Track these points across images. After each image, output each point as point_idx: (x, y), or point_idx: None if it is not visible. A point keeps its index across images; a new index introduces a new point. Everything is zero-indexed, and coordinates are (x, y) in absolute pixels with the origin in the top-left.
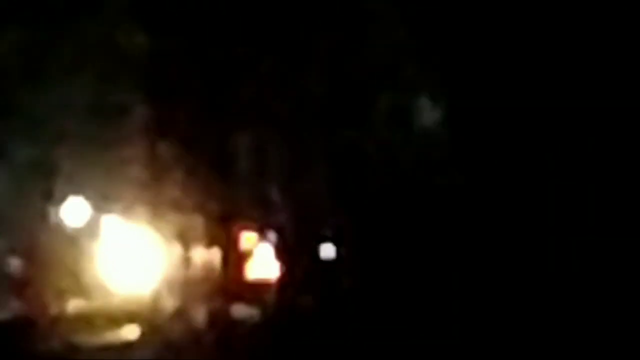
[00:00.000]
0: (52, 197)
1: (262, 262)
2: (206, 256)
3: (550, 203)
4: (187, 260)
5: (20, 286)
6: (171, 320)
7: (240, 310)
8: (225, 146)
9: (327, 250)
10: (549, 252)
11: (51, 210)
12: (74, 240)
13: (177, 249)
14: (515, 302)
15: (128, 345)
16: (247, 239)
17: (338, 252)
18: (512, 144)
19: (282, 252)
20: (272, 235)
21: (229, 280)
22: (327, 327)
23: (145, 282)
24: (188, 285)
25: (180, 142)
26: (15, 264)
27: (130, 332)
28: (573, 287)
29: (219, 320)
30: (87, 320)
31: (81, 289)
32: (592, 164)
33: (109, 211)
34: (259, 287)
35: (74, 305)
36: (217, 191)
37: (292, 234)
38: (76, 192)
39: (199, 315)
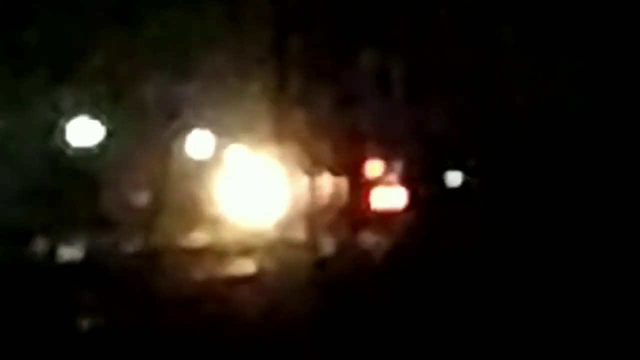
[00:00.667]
0: (178, 131)
1: (388, 191)
2: (332, 186)
3: None
4: (313, 191)
5: (147, 219)
6: (298, 251)
7: (367, 240)
8: (350, 77)
9: (454, 178)
10: None
11: (177, 143)
12: (199, 173)
13: (303, 180)
14: None
15: (253, 278)
16: (373, 167)
17: (464, 180)
18: None
19: (408, 181)
20: (398, 164)
21: (356, 209)
22: (452, 254)
23: (271, 214)
24: (314, 216)
25: (305, 73)
26: (142, 197)
27: (257, 264)
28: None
29: (347, 250)
30: (213, 253)
31: (207, 222)
32: None
33: (234, 143)
34: (386, 216)
35: (200, 237)
36: (342, 121)
37: (418, 162)
38: (202, 125)
39: (326, 245)
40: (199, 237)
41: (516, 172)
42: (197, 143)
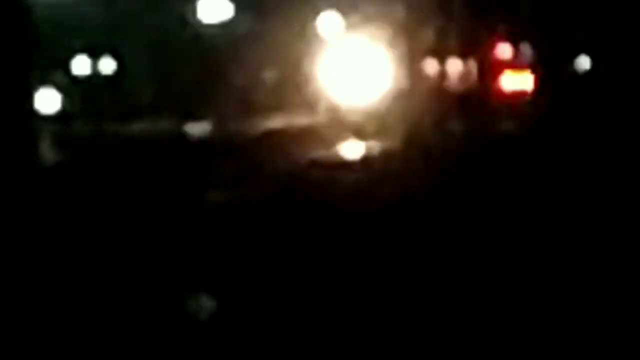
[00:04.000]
0: (307, 11)
1: (518, 75)
2: (461, 68)
3: None
4: (443, 73)
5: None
6: (429, 132)
7: (495, 123)
8: None
9: (583, 63)
10: None
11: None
12: (326, 53)
13: (428, 62)
14: None
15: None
16: (503, 50)
17: (593, 64)
18: None
19: (538, 64)
20: (526, 47)
21: (485, 92)
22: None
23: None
24: (444, 97)
25: None
26: (270, 76)
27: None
28: None
29: (477, 132)
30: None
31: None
32: None
33: (362, 25)
34: (515, 98)
35: (309, 118)
36: (472, 3)
37: (547, 45)
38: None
39: (456, 126)
40: (318, 118)
41: None
42: (325, 24)
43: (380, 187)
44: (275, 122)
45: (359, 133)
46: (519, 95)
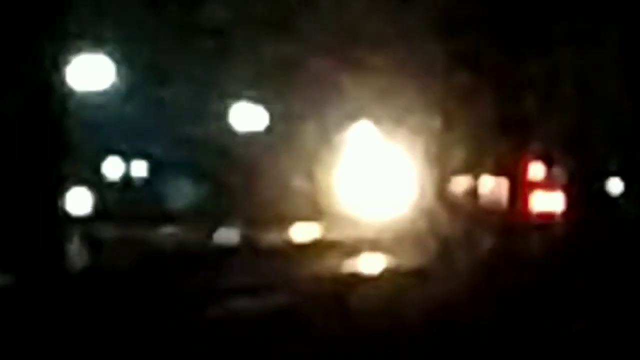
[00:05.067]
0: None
1: (549, 195)
2: (493, 186)
3: None
4: (474, 190)
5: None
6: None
7: (525, 242)
8: (516, 78)
9: (615, 185)
10: None
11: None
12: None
13: (461, 179)
14: None
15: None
16: (535, 170)
17: (626, 186)
18: None
19: (569, 185)
20: (558, 168)
21: (515, 211)
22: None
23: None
24: (473, 215)
25: (469, 70)
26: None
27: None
28: None
29: (502, 253)
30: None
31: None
32: None
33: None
34: (545, 219)
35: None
36: (507, 122)
37: (579, 166)
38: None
39: (483, 245)
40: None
41: None
42: (359, 134)
43: (398, 307)
44: (300, 233)
45: (382, 248)
46: (548, 214)
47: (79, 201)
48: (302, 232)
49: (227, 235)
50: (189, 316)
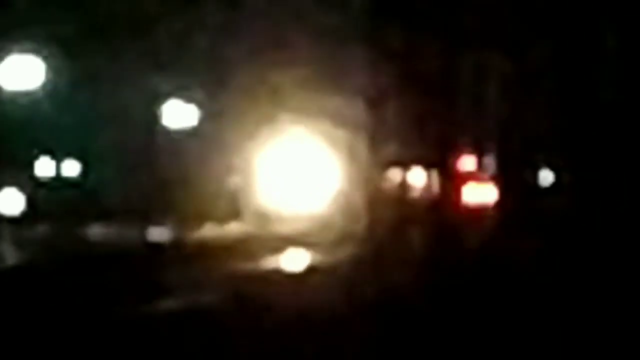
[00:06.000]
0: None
1: (480, 187)
2: (425, 179)
3: None
4: (404, 183)
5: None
6: (385, 242)
7: (458, 234)
8: (447, 73)
9: (545, 177)
10: None
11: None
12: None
13: (390, 172)
14: None
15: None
16: (466, 163)
17: (556, 178)
18: None
19: (500, 177)
20: (490, 160)
21: (447, 203)
22: (546, 255)
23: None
24: (403, 207)
25: (403, 66)
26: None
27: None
28: None
29: (437, 244)
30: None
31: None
32: None
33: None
34: (476, 212)
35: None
36: (437, 116)
37: (510, 159)
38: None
39: (414, 236)
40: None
41: (608, 173)
42: (285, 131)
43: (325, 301)
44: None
45: (307, 243)
46: (480, 206)
47: (10, 201)
48: (229, 230)
49: (159, 233)
50: (117, 314)
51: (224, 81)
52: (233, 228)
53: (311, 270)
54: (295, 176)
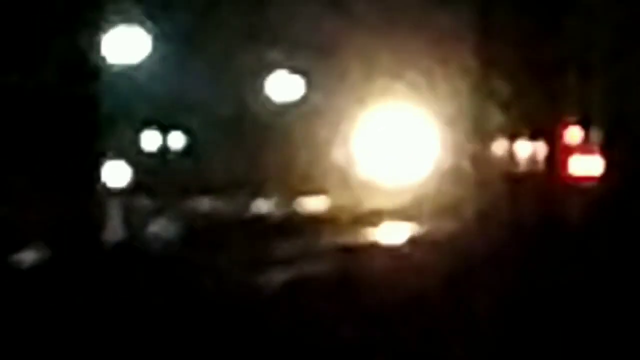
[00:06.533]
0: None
1: (587, 159)
2: (530, 150)
3: None
4: (509, 154)
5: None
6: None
7: (563, 208)
8: (553, 43)
9: None
10: None
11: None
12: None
13: (498, 143)
14: None
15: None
16: (572, 134)
17: None
18: None
19: (608, 149)
20: (597, 130)
21: (552, 175)
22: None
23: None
24: (507, 180)
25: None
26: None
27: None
28: None
29: (541, 219)
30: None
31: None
32: None
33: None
34: (583, 184)
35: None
36: (543, 85)
37: (619, 130)
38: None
39: (518, 212)
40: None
41: None
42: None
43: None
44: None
45: (406, 215)
46: (587, 179)
47: (116, 174)
48: (332, 201)
49: (263, 205)
50: (229, 287)
51: (331, 52)
52: (336, 199)
53: (411, 242)
54: (397, 147)
